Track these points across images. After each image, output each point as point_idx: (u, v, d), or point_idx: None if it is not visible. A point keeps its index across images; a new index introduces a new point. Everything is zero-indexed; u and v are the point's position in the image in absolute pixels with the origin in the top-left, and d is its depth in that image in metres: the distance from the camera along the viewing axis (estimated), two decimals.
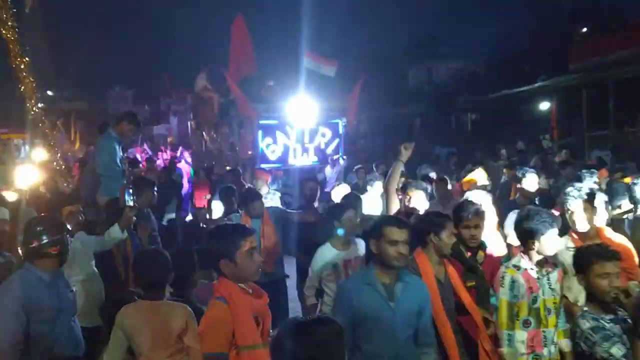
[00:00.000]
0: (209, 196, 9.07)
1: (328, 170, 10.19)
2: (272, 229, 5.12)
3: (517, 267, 3.43)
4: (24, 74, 7.31)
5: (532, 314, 3.36)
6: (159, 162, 15.32)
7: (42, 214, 3.45)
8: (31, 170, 5.79)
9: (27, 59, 7.35)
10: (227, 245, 2.55)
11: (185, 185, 11.23)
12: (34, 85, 7.43)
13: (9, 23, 7.13)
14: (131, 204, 4.22)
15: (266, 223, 5.12)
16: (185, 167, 11.97)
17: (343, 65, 11.82)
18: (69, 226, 3.41)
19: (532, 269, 3.42)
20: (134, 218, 4.31)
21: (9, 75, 7.38)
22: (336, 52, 14.49)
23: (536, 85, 19.91)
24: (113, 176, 5.82)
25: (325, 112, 10.19)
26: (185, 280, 3.53)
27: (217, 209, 6.63)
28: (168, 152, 18.82)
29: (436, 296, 3.27)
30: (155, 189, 5.40)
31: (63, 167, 8.35)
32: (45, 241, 3.03)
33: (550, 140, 18.67)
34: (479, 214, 3.73)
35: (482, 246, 3.79)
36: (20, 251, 3.45)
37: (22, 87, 7.39)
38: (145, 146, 15.68)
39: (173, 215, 9.46)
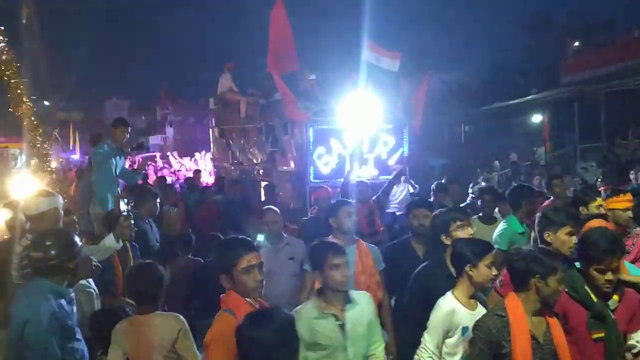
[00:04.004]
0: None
1: None
2: (373, 263, 3.89)
3: None
4: (12, 81, 7.20)
5: None
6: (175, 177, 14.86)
7: (53, 229, 3.32)
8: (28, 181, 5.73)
9: (14, 66, 7.26)
10: (225, 260, 2.51)
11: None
12: (21, 93, 7.31)
13: None
14: (126, 213, 4.23)
15: (364, 254, 3.89)
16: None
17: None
18: None
19: None
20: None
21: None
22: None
23: (529, 98, 20.09)
24: (109, 188, 5.86)
25: (386, 114, 8.46)
26: None
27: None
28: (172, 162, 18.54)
29: (527, 357, 2.54)
30: (159, 200, 5.35)
31: (54, 175, 8.28)
32: (63, 256, 2.91)
33: (543, 152, 18.84)
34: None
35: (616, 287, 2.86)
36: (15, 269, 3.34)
37: (10, 95, 7.27)
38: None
39: None
